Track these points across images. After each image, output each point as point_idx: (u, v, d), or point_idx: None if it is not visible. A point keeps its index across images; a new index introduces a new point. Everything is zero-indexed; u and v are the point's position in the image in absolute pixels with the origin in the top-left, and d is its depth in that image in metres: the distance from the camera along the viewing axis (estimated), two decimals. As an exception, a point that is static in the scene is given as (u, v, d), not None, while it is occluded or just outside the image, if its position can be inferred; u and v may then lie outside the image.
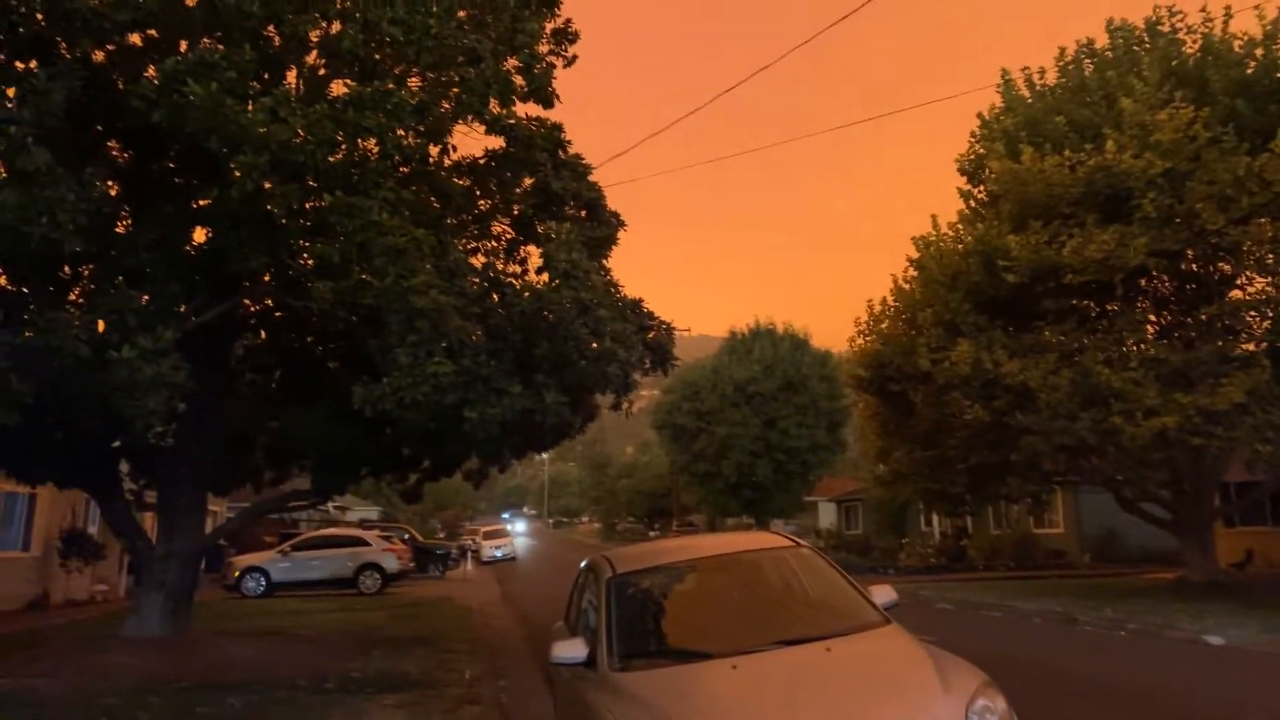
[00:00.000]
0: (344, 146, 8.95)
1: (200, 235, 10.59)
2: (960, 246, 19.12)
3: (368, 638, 13.59)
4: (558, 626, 6.98)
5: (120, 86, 9.19)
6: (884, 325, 21.51)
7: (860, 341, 21.79)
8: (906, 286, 20.77)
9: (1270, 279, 16.44)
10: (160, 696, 8.45)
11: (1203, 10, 18.01)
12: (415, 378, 8.47)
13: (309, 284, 9.48)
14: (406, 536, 30.39)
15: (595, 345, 9.59)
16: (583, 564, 6.59)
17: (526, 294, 10.08)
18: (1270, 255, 15.56)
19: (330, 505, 38.41)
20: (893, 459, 21.16)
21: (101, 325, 8.32)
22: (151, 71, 8.75)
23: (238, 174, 8.00)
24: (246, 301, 11.20)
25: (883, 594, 5.03)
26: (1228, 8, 17.38)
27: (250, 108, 8.01)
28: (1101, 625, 13.82)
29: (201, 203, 10.14)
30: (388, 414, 8.77)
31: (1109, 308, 17.83)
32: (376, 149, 9.23)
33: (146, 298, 8.87)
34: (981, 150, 20.00)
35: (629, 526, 76.78)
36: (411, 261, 8.69)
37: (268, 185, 8.16)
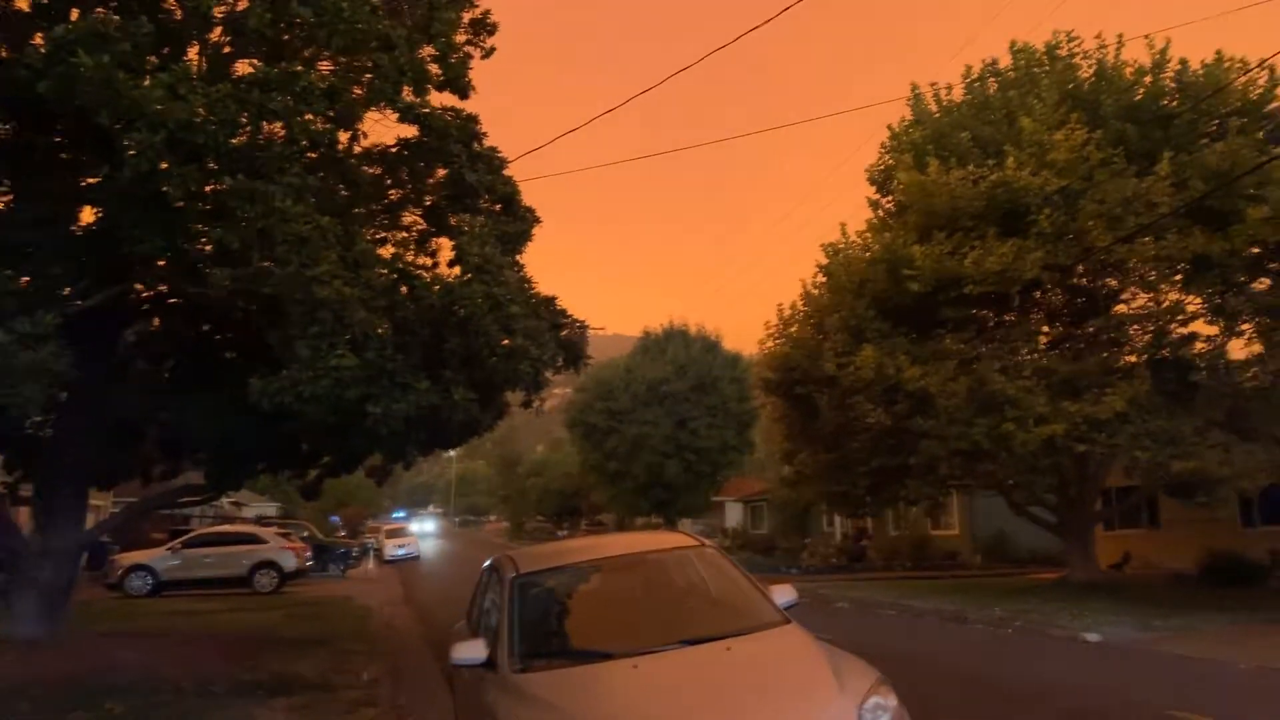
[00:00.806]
0: (247, 128, 8.60)
1: (89, 215, 10.04)
2: (867, 254, 19.62)
3: (261, 639, 13.12)
4: (459, 627, 6.87)
5: (4, 54, 8.63)
6: (793, 329, 21.94)
7: (770, 345, 22.18)
8: (815, 292, 21.21)
9: (1152, 295, 17.39)
10: (31, 702, 7.97)
11: (1097, 37, 18.97)
12: (316, 371, 8.20)
13: (206, 270, 9.07)
14: (305, 534, 29.51)
15: (506, 342, 9.46)
16: (486, 564, 6.50)
17: (436, 287, 9.89)
18: (1153, 272, 16.45)
19: (225, 501, 37.00)
20: (798, 461, 21.59)
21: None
22: (39, 39, 8.24)
23: (131, 152, 7.60)
24: (138, 286, 10.64)
25: (783, 594, 5.11)
26: (1120, 35, 18.38)
27: (147, 83, 7.62)
28: (990, 623, 14.39)
29: (90, 181, 9.61)
30: (286, 407, 8.47)
31: (1005, 318, 18.59)
32: (283, 133, 8.91)
33: (27, 279, 8.35)
34: (890, 161, 20.62)
35: (538, 526, 76.29)
36: (315, 250, 8.42)
37: (164, 165, 7.77)
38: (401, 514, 60.33)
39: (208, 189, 8.92)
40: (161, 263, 9.73)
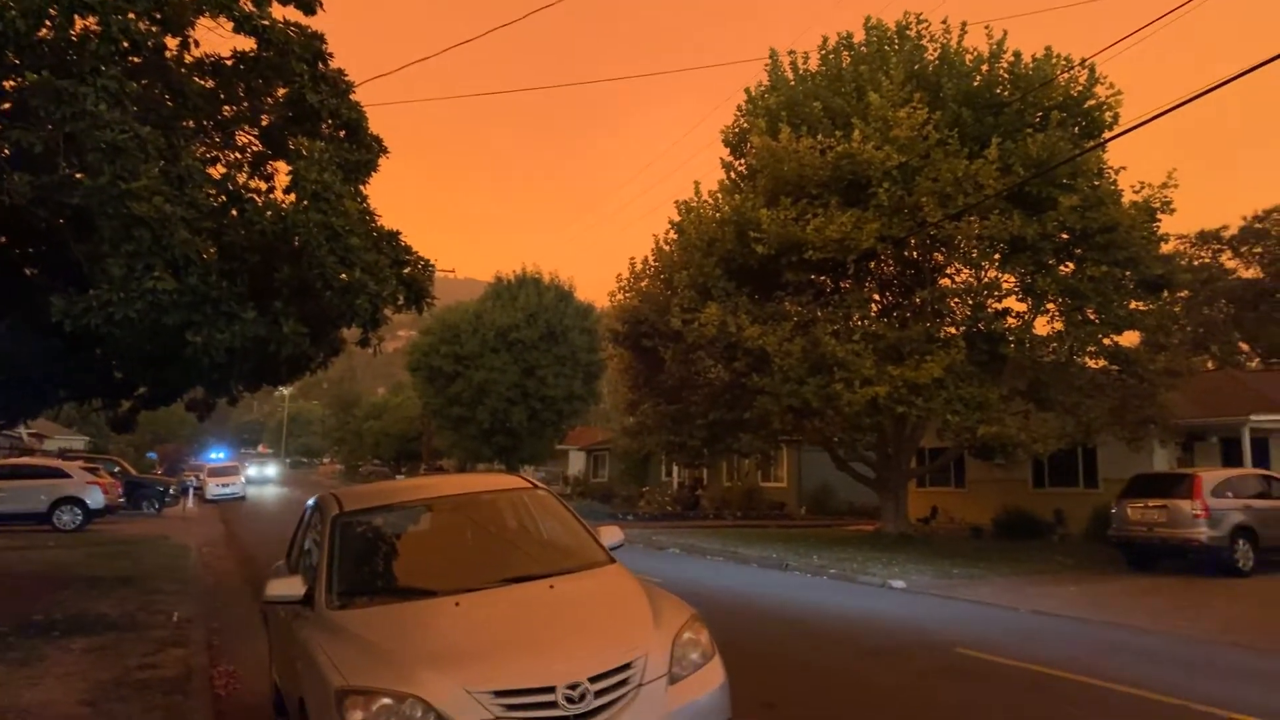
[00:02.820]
0: (56, 19, 7.76)
1: None
2: (718, 215, 20.02)
3: (59, 577, 12.25)
4: (278, 566, 6.64)
5: None
6: (643, 284, 22.20)
7: (620, 297, 22.37)
8: (667, 249, 21.48)
9: (973, 271, 18.66)
10: None
11: (943, 22, 19.91)
12: (129, 293, 7.57)
13: (3, 175, 8.17)
14: (117, 469, 27.55)
15: (344, 276, 9.05)
16: (309, 502, 6.30)
17: (269, 213, 9.31)
18: (975, 250, 17.63)
19: (24, 432, 34.01)
20: (640, 411, 21.99)
21: None
22: None
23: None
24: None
25: (610, 535, 5.23)
26: (964, 23, 19.35)
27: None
28: (809, 570, 15.29)
29: None
30: (94, 331, 7.80)
31: (841, 285, 19.48)
32: (99, 29, 8.08)
33: None
34: (745, 125, 21.02)
35: (374, 469, 74.49)
36: (133, 162, 7.72)
37: (-51, 51, 6.91)
38: (222, 453, 56.01)
39: (8, 85, 8.01)
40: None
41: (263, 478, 67.16)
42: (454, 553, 4.91)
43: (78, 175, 7.83)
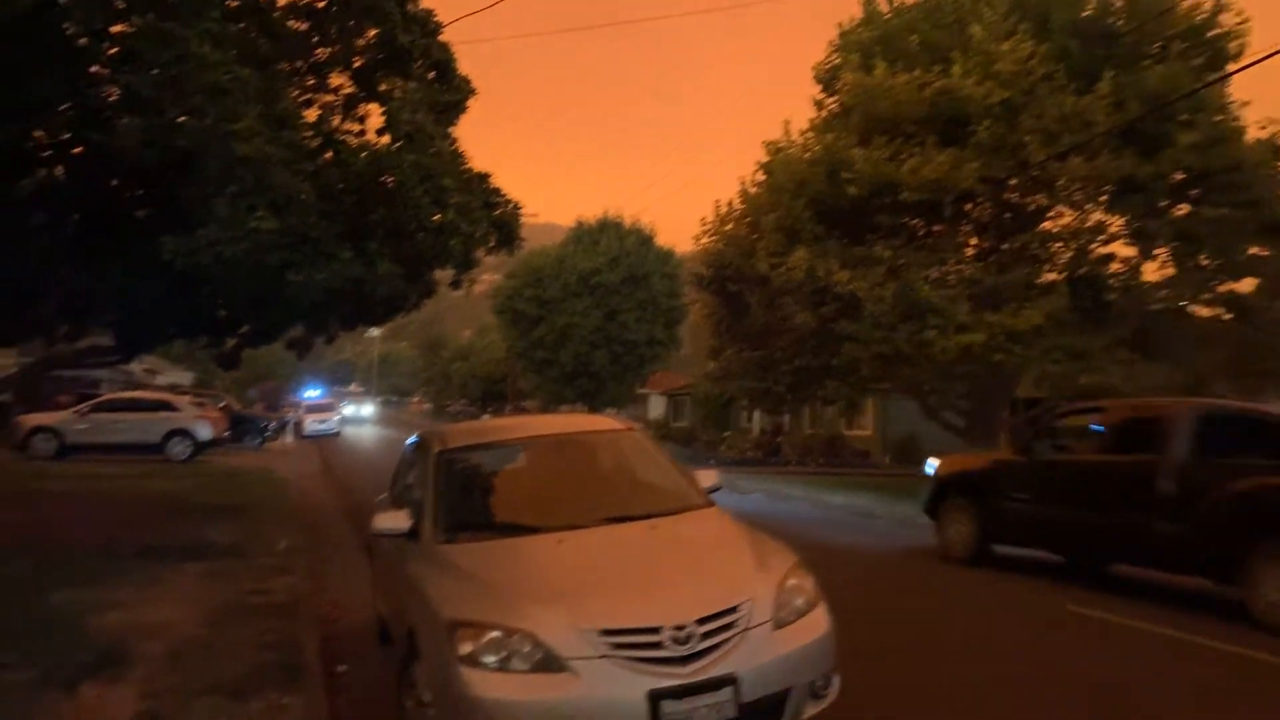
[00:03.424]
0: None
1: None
2: (808, 155, 19.51)
3: (172, 505, 12.92)
4: (381, 499, 6.83)
5: None
6: (729, 228, 21.86)
7: (705, 241, 22.10)
8: (754, 191, 21.07)
9: (1077, 214, 17.80)
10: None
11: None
12: (235, 232, 7.80)
13: (114, 119, 8.43)
14: (223, 404, 28.87)
15: (437, 217, 9.13)
16: (411, 439, 6.43)
17: (363, 154, 9.43)
18: (1079, 192, 16.77)
19: (138, 368, 35.82)
20: (724, 357, 21.87)
21: None
22: None
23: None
24: (37, 135, 9.82)
25: (708, 479, 5.19)
26: (1076, -55, 18.11)
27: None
28: (894, 520, 15.07)
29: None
30: (203, 269, 8.08)
31: (936, 228, 18.82)
32: (200, -27, 8.19)
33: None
34: (838, 61, 20.26)
35: (462, 409, 76.39)
36: (235, 104, 7.88)
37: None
38: (317, 391, 57.53)
39: (114, 30, 8.20)
40: (64, 108, 8.99)
41: (359, 417, 65.17)
42: (554, 491, 4.95)
43: (183, 118, 8.02)
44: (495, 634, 3.51)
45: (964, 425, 21.20)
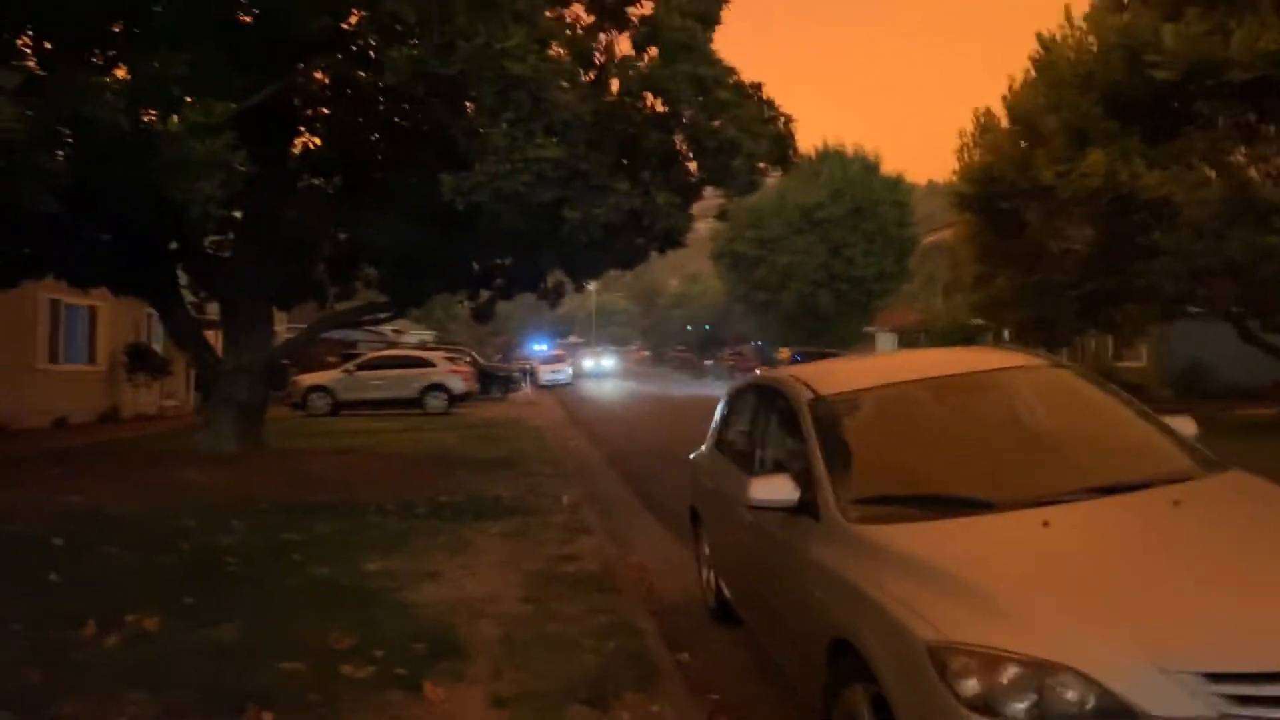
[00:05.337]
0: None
1: None
2: (1093, 42, 16.72)
3: (445, 459, 12.95)
4: (700, 453, 5.90)
5: None
6: (991, 138, 19.36)
7: (967, 156, 19.70)
8: (1023, 93, 18.43)
9: None
10: (241, 518, 7.72)
11: None
12: (514, 163, 7.07)
13: (377, 55, 7.95)
14: (469, 358, 29.96)
15: (717, 123, 7.99)
16: (741, 383, 5.43)
17: (630, 72, 8.45)
18: None
19: (387, 328, 38.08)
20: (995, 285, 19.53)
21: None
22: None
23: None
24: (304, 80, 9.62)
25: (1185, 426, 3.77)
26: None
27: None
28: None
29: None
30: (480, 208, 7.45)
31: (1265, 115, 15.52)
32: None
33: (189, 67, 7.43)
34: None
35: (678, 354, 76.84)
36: (501, 19, 7.10)
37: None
38: (544, 345, 59.08)
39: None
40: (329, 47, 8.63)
41: (600, 370, 55.70)
42: (988, 451, 3.67)
43: (450, 42, 7.34)
44: (1016, 670, 2.35)
45: (1296, 349, 17.76)
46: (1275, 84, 14.20)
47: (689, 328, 75.84)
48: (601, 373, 54.46)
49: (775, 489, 3.61)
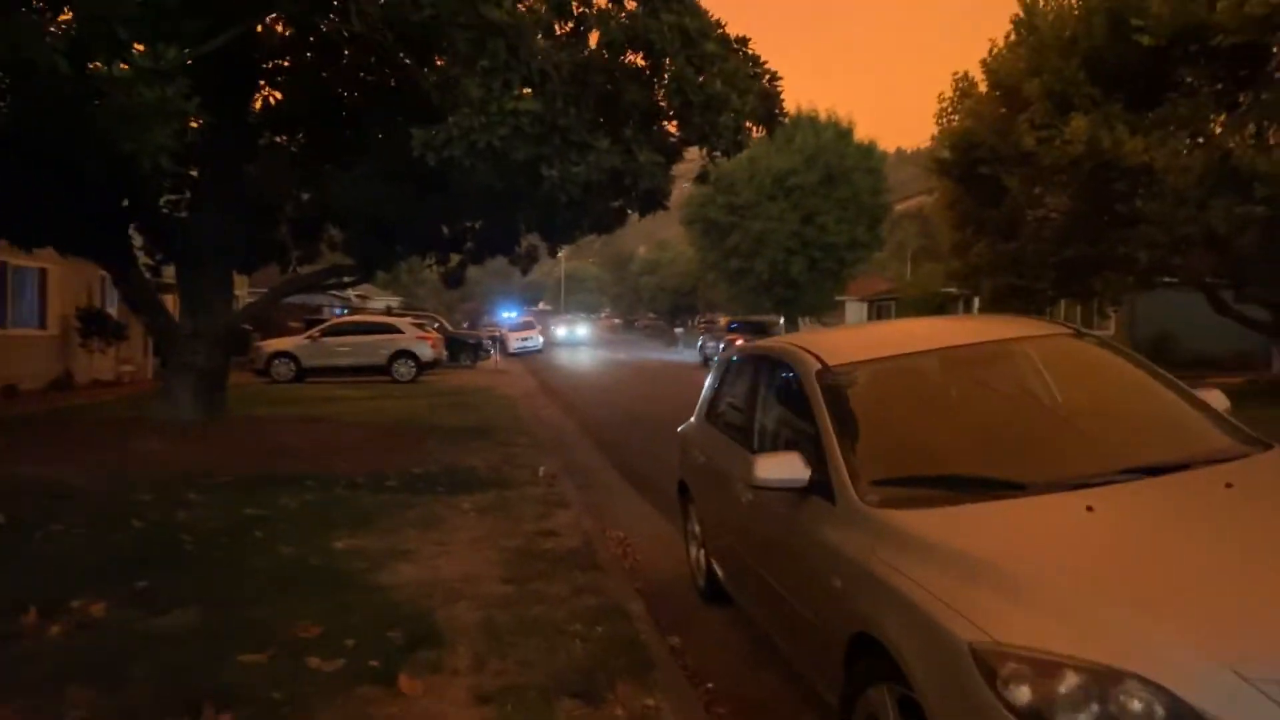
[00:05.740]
0: None
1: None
2: (1076, 3, 16.49)
3: (415, 428, 12.57)
4: (689, 426, 5.61)
5: None
6: (970, 103, 19.09)
7: (946, 121, 19.41)
8: (1004, 57, 18.14)
9: None
10: (200, 492, 7.33)
11: None
12: (489, 116, 6.64)
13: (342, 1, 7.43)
14: (437, 325, 29.39)
15: (702, 80, 7.60)
16: (741, 354, 5.13)
17: (611, 22, 8.02)
18: None
19: (352, 293, 37.32)
20: (973, 253, 19.37)
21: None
22: None
23: None
24: (262, 33, 9.06)
25: (1216, 400, 3.53)
26: None
27: None
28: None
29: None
30: (452, 163, 7.02)
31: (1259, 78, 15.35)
32: None
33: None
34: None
35: (649, 323, 76.58)
36: (479, -37, 6.64)
37: None
38: (513, 312, 58.36)
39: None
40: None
41: (573, 337, 56.73)
42: (1013, 427, 3.41)
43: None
44: (1076, 678, 2.09)
45: (1271, 319, 17.84)
46: (1262, 49, 14.07)
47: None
48: (575, 340, 55.89)
49: (784, 468, 3.32)
